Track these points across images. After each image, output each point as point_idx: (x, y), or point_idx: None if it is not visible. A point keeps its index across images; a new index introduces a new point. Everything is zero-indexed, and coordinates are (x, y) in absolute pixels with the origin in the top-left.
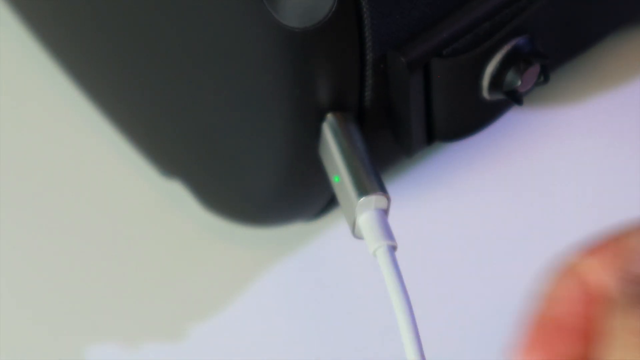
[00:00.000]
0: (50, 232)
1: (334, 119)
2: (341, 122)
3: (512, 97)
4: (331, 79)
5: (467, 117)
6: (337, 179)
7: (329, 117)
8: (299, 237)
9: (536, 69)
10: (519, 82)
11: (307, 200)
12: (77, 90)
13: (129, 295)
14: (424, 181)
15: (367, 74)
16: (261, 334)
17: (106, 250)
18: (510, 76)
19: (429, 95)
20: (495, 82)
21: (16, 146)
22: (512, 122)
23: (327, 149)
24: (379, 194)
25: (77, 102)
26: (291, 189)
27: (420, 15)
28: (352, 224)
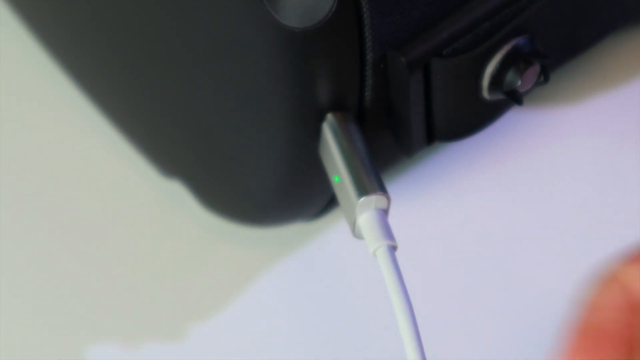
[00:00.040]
0: (50, 232)
1: (334, 119)
2: (341, 122)
3: (512, 97)
4: (331, 79)
5: (467, 117)
6: (337, 179)
7: (329, 117)
8: (299, 237)
9: (536, 69)
10: (519, 82)
11: (307, 200)
12: (77, 90)
13: (129, 295)
14: (424, 181)
15: (367, 74)
16: (261, 334)
17: (106, 250)
18: (510, 76)
19: (429, 95)
20: (495, 82)
21: (16, 146)
22: (512, 122)
23: (327, 149)
24: (379, 194)
25: (77, 102)
26: (291, 189)
27: (420, 15)
28: (352, 224)
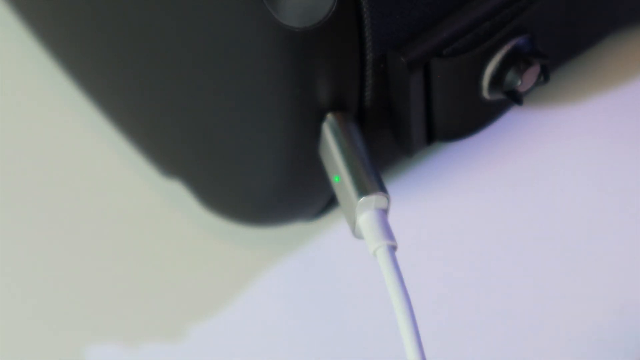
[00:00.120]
0: (49, 232)
1: (334, 119)
2: (341, 122)
3: (512, 97)
4: (331, 79)
5: (467, 117)
6: (337, 179)
7: (329, 117)
8: (299, 237)
9: (536, 69)
10: (519, 82)
11: (307, 200)
12: (77, 90)
13: (129, 295)
14: (424, 181)
15: (367, 73)
16: (261, 333)
17: (106, 250)
18: (510, 76)
19: (429, 95)
20: (495, 82)
21: (16, 146)
22: (512, 122)
23: (327, 149)
24: (379, 194)
25: (77, 102)
26: (291, 188)
27: (420, 15)
28: (352, 224)
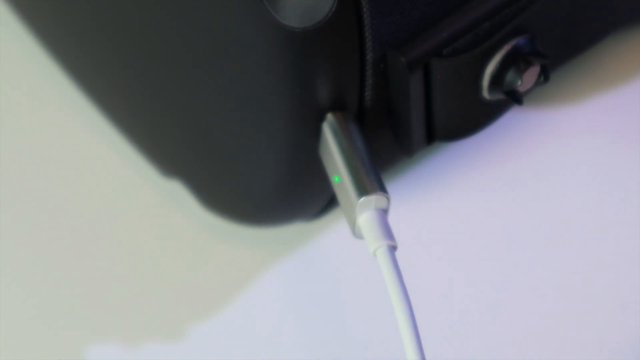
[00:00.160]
0: (49, 232)
1: (334, 118)
2: (341, 122)
3: (512, 97)
4: (331, 79)
5: (467, 117)
6: (337, 179)
7: (329, 117)
8: (299, 237)
9: (536, 69)
10: (519, 82)
11: (307, 200)
12: (77, 90)
13: (129, 295)
14: (424, 181)
15: (367, 73)
16: (261, 334)
17: (106, 250)
18: (510, 76)
19: (429, 95)
20: (495, 82)
21: (16, 146)
22: (512, 122)
23: (327, 149)
24: (379, 194)
25: (77, 102)
26: (291, 188)
27: (420, 15)
28: (352, 224)
